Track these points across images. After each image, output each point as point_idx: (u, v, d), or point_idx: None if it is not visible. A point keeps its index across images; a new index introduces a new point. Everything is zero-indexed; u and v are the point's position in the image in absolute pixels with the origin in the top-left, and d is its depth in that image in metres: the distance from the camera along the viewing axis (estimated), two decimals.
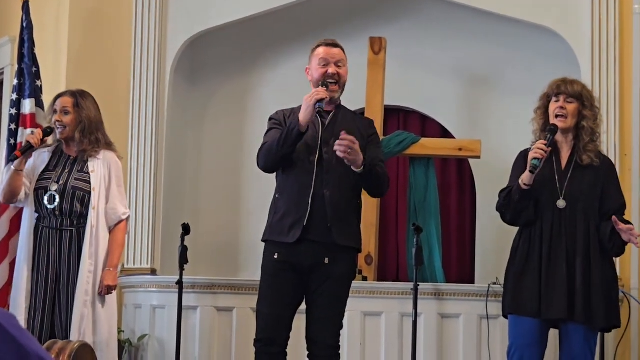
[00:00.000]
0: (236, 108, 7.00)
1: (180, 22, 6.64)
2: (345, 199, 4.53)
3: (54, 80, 6.37)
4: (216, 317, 5.95)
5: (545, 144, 4.58)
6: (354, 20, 6.84)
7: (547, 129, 4.67)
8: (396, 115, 6.90)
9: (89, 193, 5.06)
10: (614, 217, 4.57)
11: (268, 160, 4.57)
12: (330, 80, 4.57)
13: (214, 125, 7.02)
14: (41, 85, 6.00)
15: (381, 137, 5.62)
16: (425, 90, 6.82)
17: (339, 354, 4.58)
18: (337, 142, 4.37)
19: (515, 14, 6.33)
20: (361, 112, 6.07)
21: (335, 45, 4.68)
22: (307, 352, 4.59)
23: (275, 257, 4.54)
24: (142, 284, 6.26)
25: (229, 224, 6.93)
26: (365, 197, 4.76)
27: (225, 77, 7.04)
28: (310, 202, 4.48)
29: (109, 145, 5.21)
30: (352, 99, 4.86)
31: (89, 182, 5.08)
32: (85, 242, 4.99)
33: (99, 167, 5.12)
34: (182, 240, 5.68)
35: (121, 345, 5.96)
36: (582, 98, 4.72)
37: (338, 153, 4.37)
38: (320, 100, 4.41)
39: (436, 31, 6.80)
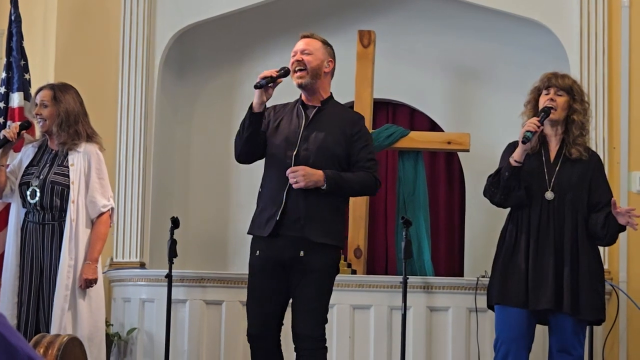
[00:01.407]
0: (225, 102, 6.98)
1: (168, 16, 6.61)
2: (322, 197, 4.49)
3: (42, 74, 6.34)
4: (205, 311, 5.94)
5: (539, 120, 4.59)
6: (343, 13, 6.83)
7: (541, 109, 4.67)
8: (385, 109, 6.91)
9: (68, 187, 5.02)
10: (613, 199, 4.58)
11: (237, 147, 4.64)
12: (297, 67, 4.58)
13: (202, 118, 7.01)
14: (29, 79, 6.00)
15: (370, 131, 5.61)
16: (414, 84, 6.82)
17: (325, 347, 4.57)
18: (290, 181, 4.45)
19: (504, 8, 6.33)
20: (350, 105, 6.06)
21: (307, 36, 4.68)
22: (294, 346, 4.59)
23: (257, 254, 4.57)
24: (131, 277, 6.25)
25: (218, 218, 6.92)
26: None
27: (214, 70, 7.02)
28: (284, 197, 4.50)
29: (90, 138, 5.14)
30: (341, 92, 4.85)
31: (68, 176, 5.04)
32: (65, 236, 4.96)
33: (78, 161, 5.06)
34: (171, 233, 5.67)
35: (110, 339, 5.94)
36: (573, 92, 4.72)
37: (295, 187, 4.43)
38: (263, 78, 4.44)
39: (425, 24, 6.80)
